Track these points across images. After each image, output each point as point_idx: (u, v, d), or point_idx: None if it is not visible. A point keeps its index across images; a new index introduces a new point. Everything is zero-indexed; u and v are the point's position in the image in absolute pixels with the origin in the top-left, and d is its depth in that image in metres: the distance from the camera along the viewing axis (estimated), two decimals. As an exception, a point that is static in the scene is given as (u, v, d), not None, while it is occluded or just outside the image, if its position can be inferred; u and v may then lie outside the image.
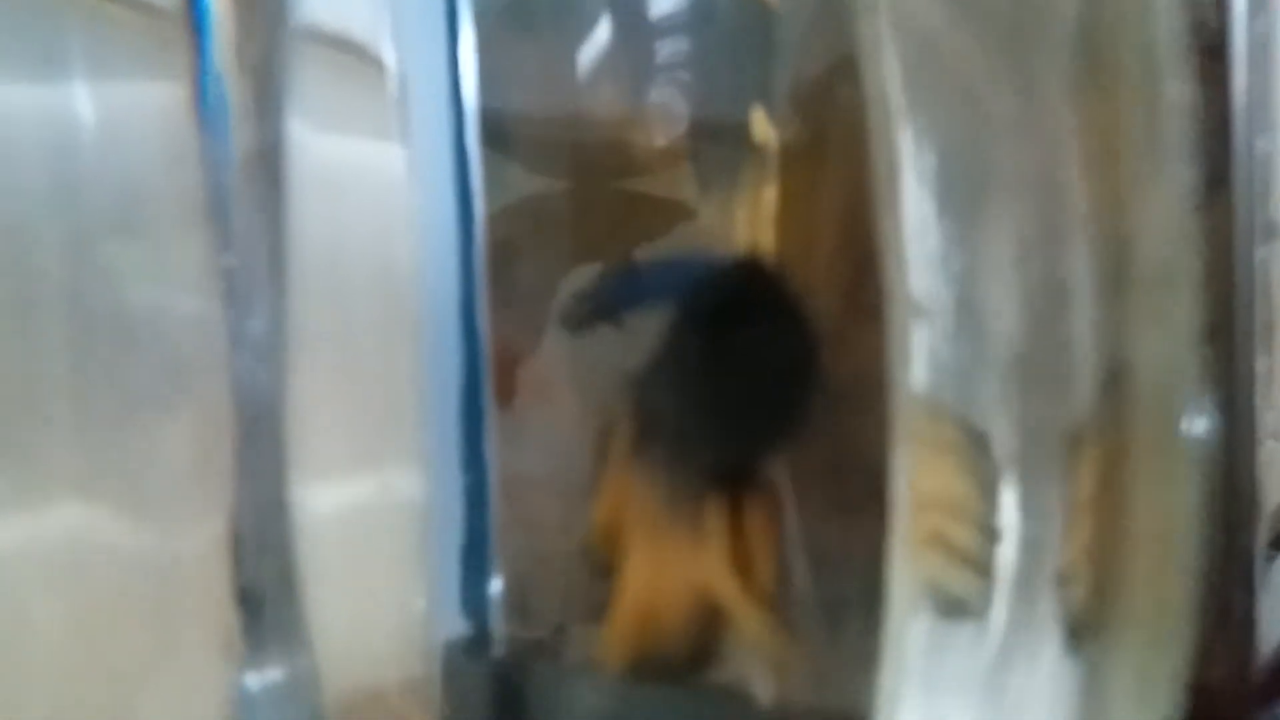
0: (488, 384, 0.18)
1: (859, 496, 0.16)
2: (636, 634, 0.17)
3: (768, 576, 0.17)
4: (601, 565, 0.18)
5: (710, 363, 0.17)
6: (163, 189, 0.16)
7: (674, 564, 0.17)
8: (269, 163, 0.15)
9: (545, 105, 0.17)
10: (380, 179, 0.17)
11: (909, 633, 0.16)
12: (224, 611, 0.16)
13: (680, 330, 0.17)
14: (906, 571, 0.15)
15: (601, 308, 0.17)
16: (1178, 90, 0.16)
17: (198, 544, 0.16)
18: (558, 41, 0.17)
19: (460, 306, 0.17)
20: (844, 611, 0.16)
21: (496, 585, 0.18)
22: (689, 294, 0.17)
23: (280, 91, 0.15)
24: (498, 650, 0.18)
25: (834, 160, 0.18)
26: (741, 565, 0.17)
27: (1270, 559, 0.27)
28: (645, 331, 0.17)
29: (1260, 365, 0.26)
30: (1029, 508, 0.16)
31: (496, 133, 0.17)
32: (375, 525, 0.17)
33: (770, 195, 0.18)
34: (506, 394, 0.18)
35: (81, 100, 0.16)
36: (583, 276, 0.17)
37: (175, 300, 0.15)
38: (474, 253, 0.17)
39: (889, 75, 0.16)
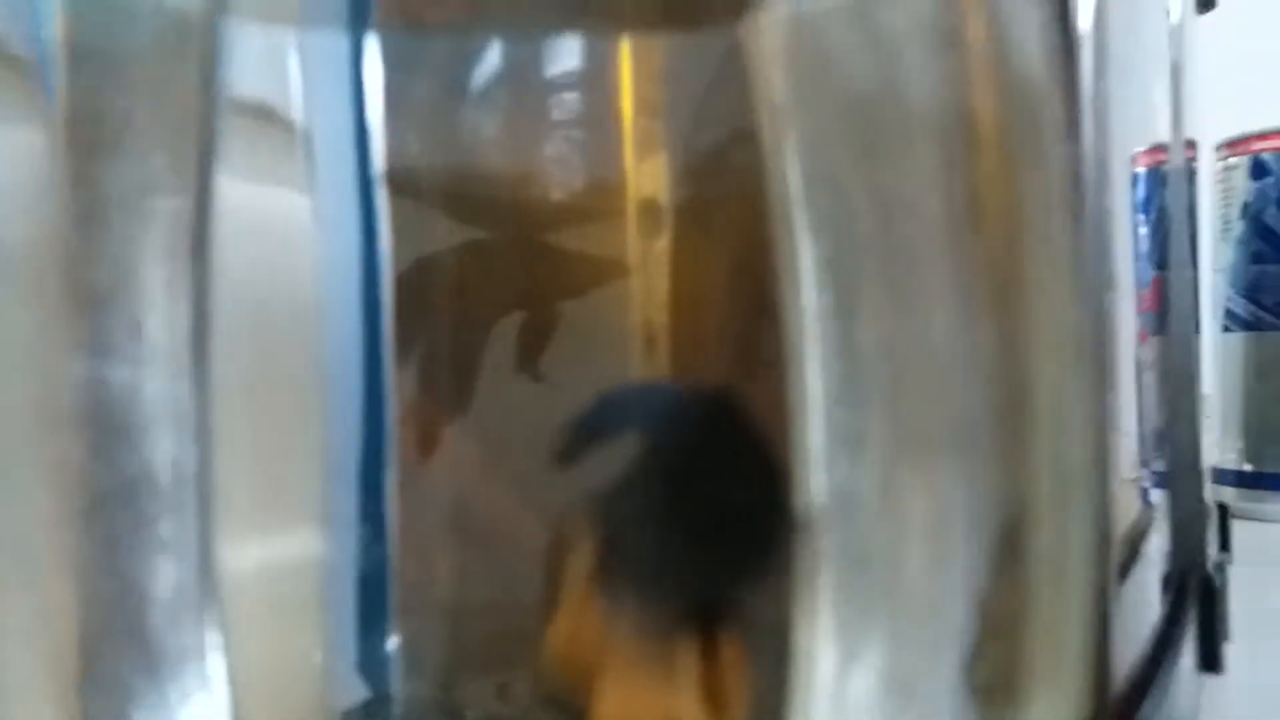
0: (390, 438, 0.17)
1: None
2: None
3: (743, 713, 0.17)
4: (557, 696, 0.17)
5: (680, 493, 0.17)
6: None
7: (644, 700, 0.17)
8: (195, 222, 0.14)
9: (458, 158, 0.17)
10: (284, 230, 0.16)
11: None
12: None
13: (649, 458, 0.17)
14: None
15: (591, 434, 0.17)
16: (1054, 155, 0.17)
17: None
18: (464, 95, 0.17)
19: (364, 359, 0.17)
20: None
21: (394, 644, 0.18)
22: (662, 421, 0.17)
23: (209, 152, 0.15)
24: (397, 711, 0.18)
25: (728, 224, 0.18)
26: (714, 702, 0.17)
27: (1119, 586, 0.28)
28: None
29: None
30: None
31: (410, 184, 0.17)
32: (276, 585, 0.17)
33: (664, 256, 0.18)
34: (412, 448, 0.17)
35: None
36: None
37: (99, 369, 0.14)
38: (380, 305, 0.17)
39: (789, 154, 0.17)
